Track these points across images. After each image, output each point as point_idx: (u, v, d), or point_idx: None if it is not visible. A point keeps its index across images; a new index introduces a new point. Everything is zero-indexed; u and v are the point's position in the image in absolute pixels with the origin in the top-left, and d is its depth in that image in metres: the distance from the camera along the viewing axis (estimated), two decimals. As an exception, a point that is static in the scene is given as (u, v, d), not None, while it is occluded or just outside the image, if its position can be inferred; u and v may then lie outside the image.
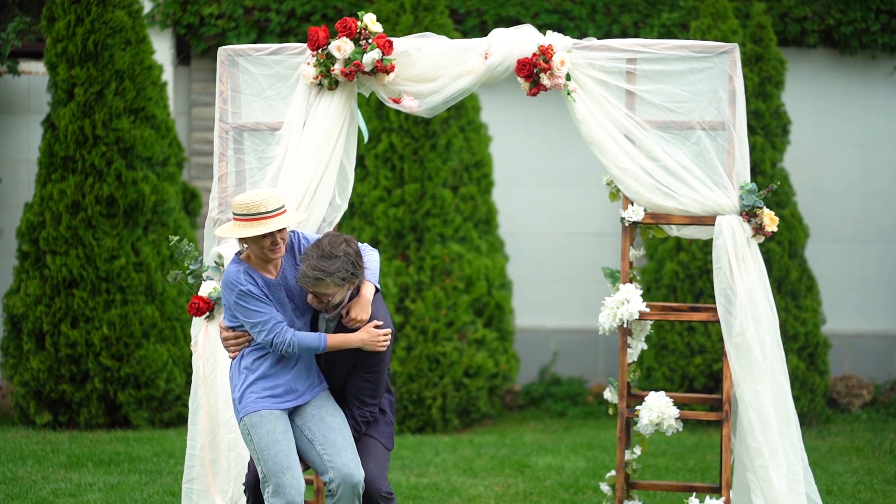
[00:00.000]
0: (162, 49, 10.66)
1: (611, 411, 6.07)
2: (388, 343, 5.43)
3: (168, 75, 10.68)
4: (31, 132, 10.72)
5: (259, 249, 5.34)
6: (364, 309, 5.40)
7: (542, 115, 10.64)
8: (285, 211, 5.34)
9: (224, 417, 5.79)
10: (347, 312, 5.41)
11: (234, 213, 5.32)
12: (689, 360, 9.70)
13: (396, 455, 8.68)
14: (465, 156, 9.85)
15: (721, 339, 5.92)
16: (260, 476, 5.35)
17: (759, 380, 5.71)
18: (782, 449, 5.69)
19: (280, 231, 5.32)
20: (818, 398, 9.73)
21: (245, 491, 5.57)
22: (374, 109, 9.71)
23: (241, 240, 5.37)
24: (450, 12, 10.57)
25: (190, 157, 10.78)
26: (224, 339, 5.47)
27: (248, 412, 5.35)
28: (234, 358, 5.47)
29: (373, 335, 5.39)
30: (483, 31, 10.34)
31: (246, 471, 5.65)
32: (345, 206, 6.00)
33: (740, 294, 5.71)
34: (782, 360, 5.77)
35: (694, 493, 6.02)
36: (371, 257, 5.50)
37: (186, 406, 9.46)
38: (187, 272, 5.94)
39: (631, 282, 6.02)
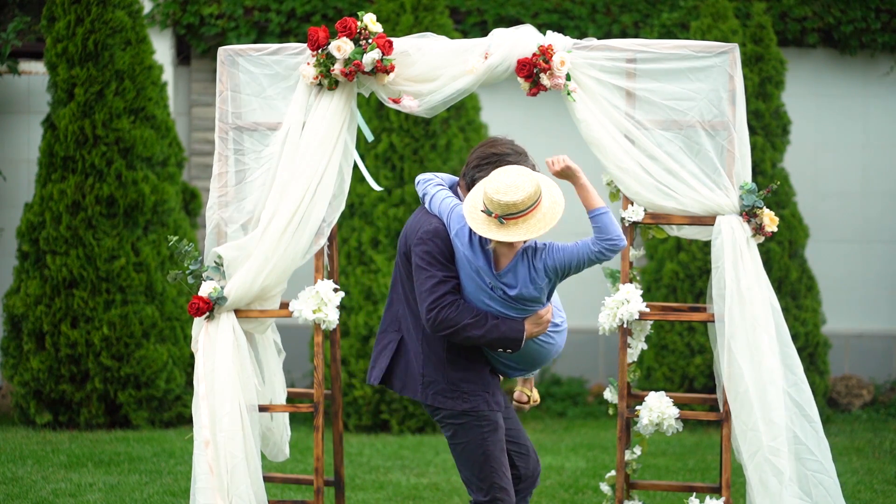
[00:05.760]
0: (162, 49, 10.66)
1: (611, 411, 6.06)
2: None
3: (168, 75, 10.68)
4: (31, 132, 10.72)
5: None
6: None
7: (542, 116, 10.63)
8: (537, 207, 5.13)
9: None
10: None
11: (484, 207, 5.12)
12: (689, 360, 9.70)
13: (396, 455, 8.68)
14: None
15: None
16: None
17: (760, 380, 5.70)
18: (785, 449, 5.68)
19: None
20: (818, 398, 9.72)
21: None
22: (374, 109, 9.71)
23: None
24: (450, 12, 10.56)
25: (190, 157, 10.78)
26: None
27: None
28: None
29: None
30: (483, 31, 10.33)
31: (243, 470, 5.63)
32: (342, 206, 5.99)
33: (739, 294, 5.70)
34: (783, 360, 5.76)
35: (694, 493, 6.00)
36: None
37: (186, 406, 9.46)
38: (187, 272, 5.93)
39: (631, 282, 6.01)
